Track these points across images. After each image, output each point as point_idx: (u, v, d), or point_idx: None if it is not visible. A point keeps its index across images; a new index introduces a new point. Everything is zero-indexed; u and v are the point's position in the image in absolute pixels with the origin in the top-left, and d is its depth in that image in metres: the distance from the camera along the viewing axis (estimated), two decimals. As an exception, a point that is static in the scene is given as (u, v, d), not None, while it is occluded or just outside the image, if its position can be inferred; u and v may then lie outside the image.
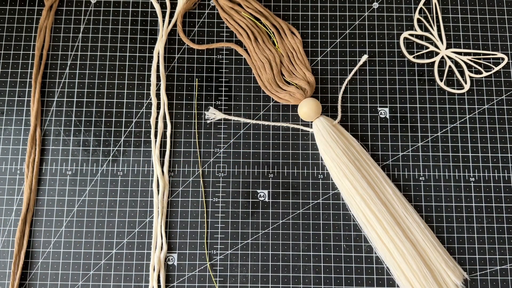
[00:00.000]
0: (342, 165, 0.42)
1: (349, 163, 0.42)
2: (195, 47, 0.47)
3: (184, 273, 0.42)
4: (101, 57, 0.47)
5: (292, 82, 0.45)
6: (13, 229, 0.43)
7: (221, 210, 0.44)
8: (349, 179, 0.42)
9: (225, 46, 0.47)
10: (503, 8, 0.48)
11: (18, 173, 0.44)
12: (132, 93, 0.46)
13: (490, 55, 0.47)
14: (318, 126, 0.43)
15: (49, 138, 0.45)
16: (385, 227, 0.40)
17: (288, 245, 0.43)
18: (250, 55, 0.46)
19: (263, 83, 0.45)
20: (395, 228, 0.40)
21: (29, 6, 0.48)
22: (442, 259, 0.40)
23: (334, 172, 0.43)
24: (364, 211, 0.41)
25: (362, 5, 0.48)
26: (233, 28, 0.47)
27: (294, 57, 0.46)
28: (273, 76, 0.45)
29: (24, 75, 0.46)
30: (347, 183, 0.42)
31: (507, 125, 0.45)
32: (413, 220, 0.41)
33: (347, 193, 0.42)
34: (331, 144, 0.42)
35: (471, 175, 0.44)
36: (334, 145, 0.42)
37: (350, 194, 0.42)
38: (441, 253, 0.40)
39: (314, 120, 0.44)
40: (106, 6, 0.48)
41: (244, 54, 0.46)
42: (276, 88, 0.45)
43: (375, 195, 0.41)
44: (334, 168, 0.42)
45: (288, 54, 0.46)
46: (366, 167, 0.43)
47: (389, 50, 0.47)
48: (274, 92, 0.45)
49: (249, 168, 0.45)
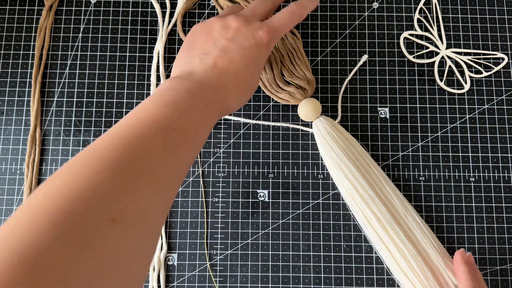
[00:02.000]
0: (342, 165, 0.42)
1: (349, 163, 0.42)
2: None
3: (184, 273, 0.42)
4: (101, 57, 0.47)
5: (292, 82, 0.45)
6: (13, 229, 0.43)
7: (221, 210, 0.44)
8: (349, 179, 0.42)
9: None
10: (503, 8, 0.48)
11: (18, 173, 0.44)
12: (132, 93, 0.46)
13: (490, 55, 0.47)
14: (318, 126, 0.43)
15: (49, 138, 0.45)
16: (386, 227, 0.40)
17: (288, 245, 0.43)
18: None
19: (263, 83, 0.45)
20: (396, 228, 0.40)
21: (29, 6, 0.48)
22: (442, 259, 0.40)
23: (334, 172, 0.43)
24: (364, 211, 0.41)
25: (362, 5, 0.48)
26: None
27: (294, 57, 0.46)
28: (273, 76, 0.45)
29: (24, 75, 0.46)
30: (347, 183, 0.42)
31: (507, 125, 0.45)
32: (413, 220, 0.41)
33: (347, 193, 0.42)
34: (331, 144, 0.42)
35: (471, 175, 0.44)
36: (334, 145, 0.42)
37: (350, 194, 0.42)
38: (441, 253, 0.40)
39: (314, 120, 0.44)
40: (106, 6, 0.48)
41: None
42: (276, 88, 0.45)
43: (376, 195, 0.41)
44: (334, 168, 0.42)
45: (288, 54, 0.46)
46: (366, 167, 0.43)
47: (389, 50, 0.47)
48: (274, 92, 0.45)
49: (249, 168, 0.45)
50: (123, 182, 0.24)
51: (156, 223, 0.26)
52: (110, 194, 0.23)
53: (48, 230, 0.20)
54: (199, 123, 0.31)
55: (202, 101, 0.32)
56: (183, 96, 0.31)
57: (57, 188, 0.22)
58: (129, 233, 0.23)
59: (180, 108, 0.30)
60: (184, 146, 0.29)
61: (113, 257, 0.22)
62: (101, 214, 0.22)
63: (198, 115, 0.31)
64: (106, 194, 0.23)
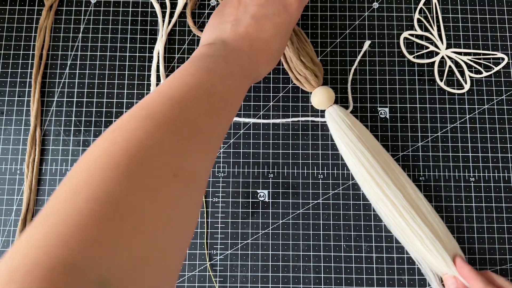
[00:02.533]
0: (357, 151, 0.42)
1: (364, 150, 0.42)
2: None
3: (184, 273, 0.42)
4: (101, 57, 0.47)
5: (307, 64, 0.44)
6: (13, 229, 0.43)
7: (221, 210, 0.44)
8: (365, 165, 0.42)
9: None
10: (503, 8, 0.48)
11: (18, 173, 0.44)
12: (132, 93, 0.46)
13: (490, 55, 0.47)
14: (332, 114, 0.43)
15: (49, 138, 0.45)
16: (401, 212, 0.41)
17: (288, 245, 0.43)
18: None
19: (285, 58, 0.45)
20: (412, 212, 0.41)
21: (29, 6, 0.48)
22: (453, 246, 0.41)
23: (349, 159, 0.43)
24: (380, 196, 0.41)
25: (362, 5, 0.48)
26: None
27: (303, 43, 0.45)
28: (295, 52, 0.44)
29: (24, 75, 0.46)
30: (362, 169, 0.42)
31: (507, 125, 0.45)
32: (425, 208, 0.42)
33: (363, 180, 0.42)
34: (345, 131, 0.42)
35: (471, 175, 0.44)
36: (348, 132, 0.42)
37: (366, 181, 0.42)
38: (452, 240, 0.41)
39: (327, 108, 0.44)
40: (106, 6, 0.48)
41: None
42: (296, 66, 0.44)
43: (391, 181, 0.41)
44: (350, 155, 0.42)
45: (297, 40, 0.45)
46: (380, 154, 0.43)
47: (389, 50, 0.47)
48: (294, 71, 0.44)
49: (249, 168, 0.45)
50: (181, 142, 0.25)
51: (205, 183, 0.28)
52: (172, 151, 0.25)
53: (123, 180, 0.22)
54: (236, 90, 0.32)
55: (238, 69, 0.32)
56: (221, 62, 0.31)
57: (119, 143, 0.23)
58: (188, 188, 0.25)
59: (219, 74, 0.30)
60: (225, 112, 0.30)
61: (177, 208, 0.24)
62: (166, 169, 0.24)
63: (235, 82, 0.32)
64: (169, 151, 0.25)
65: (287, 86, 0.46)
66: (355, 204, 0.44)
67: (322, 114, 0.46)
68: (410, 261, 0.42)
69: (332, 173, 0.44)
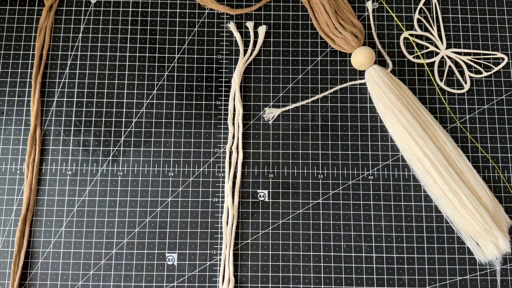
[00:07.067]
0: (396, 110, 0.42)
1: (403, 108, 0.42)
2: (232, 12, 0.47)
3: (184, 273, 0.42)
4: (101, 57, 0.47)
5: (345, 26, 0.44)
6: (13, 229, 0.43)
7: (221, 210, 0.44)
8: (403, 124, 0.42)
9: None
10: (503, 8, 0.48)
11: (18, 173, 0.44)
12: (132, 93, 0.46)
13: (490, 55, 0.47)
14: (372, 74, 0.44)
15: (49, 138, 0.45)
16: (440, 170, 0.41)
17: (288, 245, 0.43)
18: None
19: (319, 26, 0.45)
20: (450, 171, 0.41)
21: (29, 6, 0.48)
22: (492, 203, 0.41)
23: (387, 119, 0.43)
24: (418, 155, 0.42)
25: (362, 5, 0.48)
26: None
27: (341, 5, 0.46)
28: (329, 17, 0.44)
29: (24, 75, 0.46)
30: (401, 128, 0.42)
31: (507, 125, 0.45)
32: (465, 165, 0.42)
33: (400, 139, 0.43)
34: (385, 90, 0.43)
35: (471, 175, 0.44)
36: (388, 92, 0.43)
37: (404, 139, 0.42)
38: (492, 197, 0.41)
39: (368, 69, 0.44)
40: (106, 6, 0.48)
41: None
42: (333, 31, 0.44)
43: (429, 139, 0.42)
44: (388, 114, 0.43)
45: (330, 4, 0.45)
46: (418, 112, 0.43)
47: (389, 50, 0.47)
48: (331, 36, 0.45)
49: (249, 168, 0.45)
50: None
51: None
52: None
53: None
54: None
55: None
56: None
57: None
58: None
59: None
60: None
61: None
62: None
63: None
64: None
65: (315, 59, 0.46)
66: (355, 204, 0.44)
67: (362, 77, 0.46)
68: (410, 261, 0.42)
69: (332, 173, 0.44)
